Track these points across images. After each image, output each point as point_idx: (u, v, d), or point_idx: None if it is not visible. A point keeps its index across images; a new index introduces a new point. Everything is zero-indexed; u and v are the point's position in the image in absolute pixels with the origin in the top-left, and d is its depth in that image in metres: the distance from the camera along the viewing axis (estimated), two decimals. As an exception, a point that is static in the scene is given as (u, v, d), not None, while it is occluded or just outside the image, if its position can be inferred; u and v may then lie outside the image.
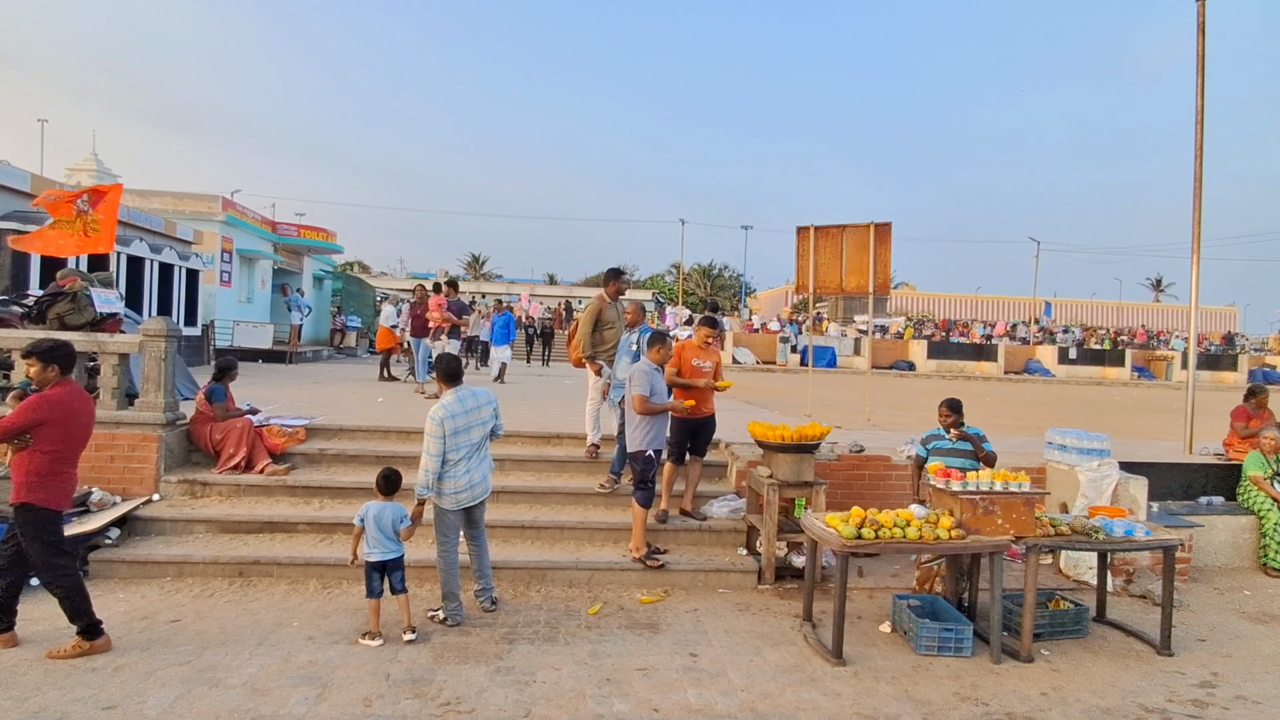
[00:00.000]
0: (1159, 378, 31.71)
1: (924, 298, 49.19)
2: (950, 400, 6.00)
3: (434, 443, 4.77)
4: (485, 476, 5.09)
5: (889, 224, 10.20)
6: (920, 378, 28.65)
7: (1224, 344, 37.13)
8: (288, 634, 4.64)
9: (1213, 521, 6.80)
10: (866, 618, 5.32)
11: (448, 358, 5.25)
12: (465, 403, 4.94)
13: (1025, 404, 18.08)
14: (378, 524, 4.64)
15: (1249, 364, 33.05)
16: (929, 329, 36.60)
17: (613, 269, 7.46)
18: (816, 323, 35.50)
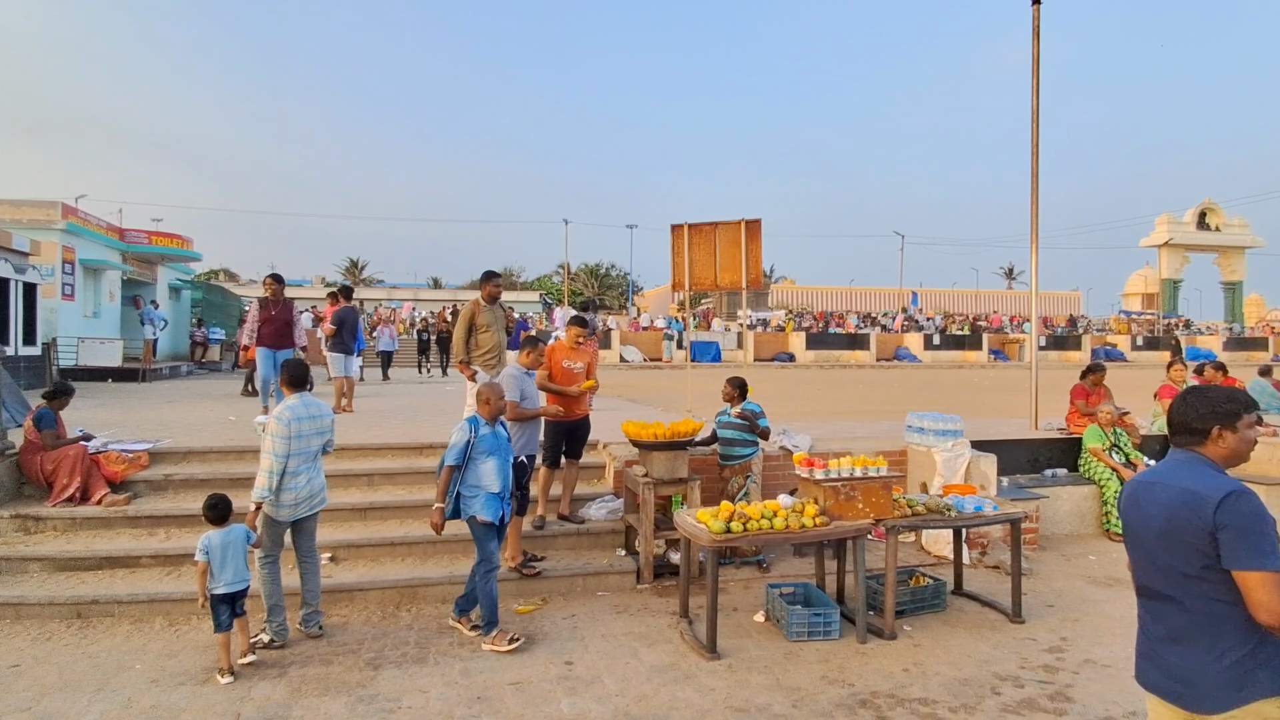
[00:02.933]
0: (1013, 359, 34.33)
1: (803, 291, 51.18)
2: (733, 379, 6.40)
3: (279, 443, 4.55)
4: (322, 488, 4.93)
5: (759, 220, 10.44)
6: (800, 368, 29.75)
7: (1069, 326, 40.62)
8: (130, 677, 4.24)
9: (1058, 492, 7.34)
10: (743, 609, 5.38)
11: (294, 363, 4.98)
12: (310, 408, 4.79)
13: (895, 389, 19.07)
14: (226, 553, 4.31)
15: (1092, 343, 36.32)
16: (808, 321, 38.07)
17: (488, 271, 7.32)
18: (701, 319, 36.23)
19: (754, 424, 6.11)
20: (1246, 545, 1.98)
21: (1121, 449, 7.55)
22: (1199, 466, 2.19)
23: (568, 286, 53.17)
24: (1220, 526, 2.02)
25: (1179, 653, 2.16)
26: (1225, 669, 2.07)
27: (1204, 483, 2.11)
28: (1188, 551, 2.10)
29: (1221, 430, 2.19)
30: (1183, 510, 2.11)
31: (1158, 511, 2.19)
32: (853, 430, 8.89)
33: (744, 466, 6.14)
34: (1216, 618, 2.08)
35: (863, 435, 8.18)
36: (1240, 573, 1.99)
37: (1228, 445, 2.19)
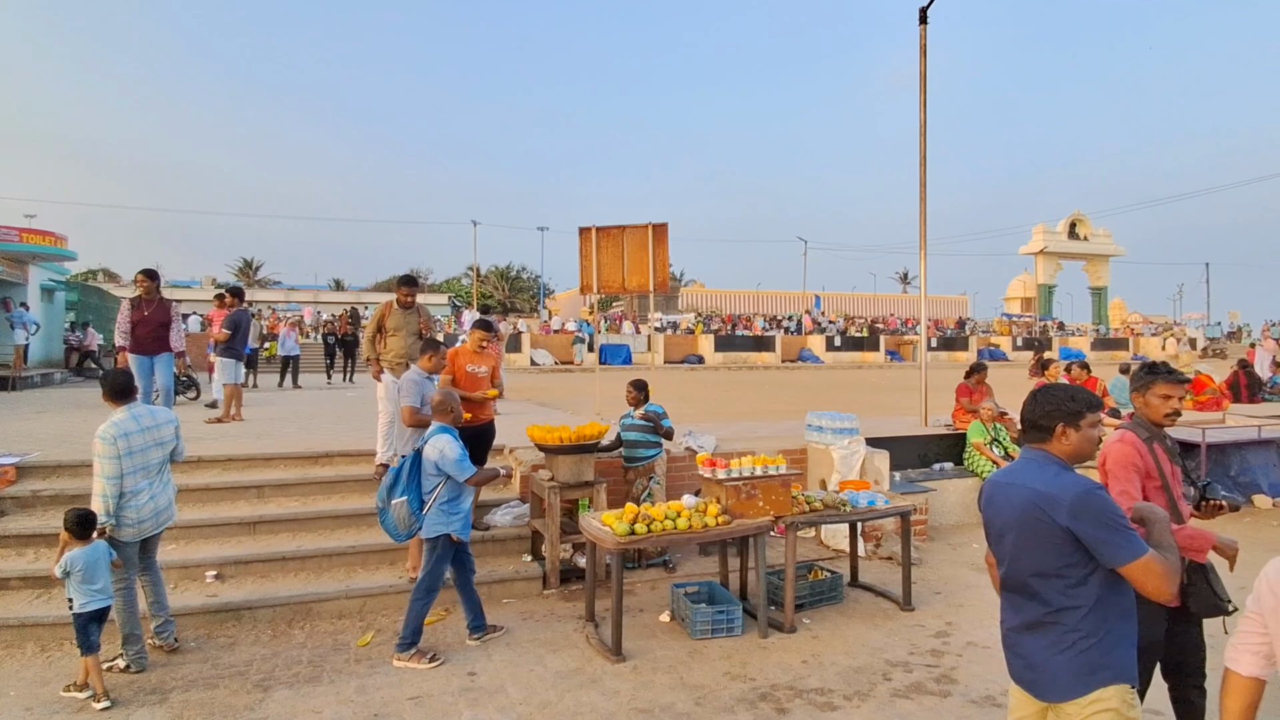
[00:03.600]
0: (907, 359, 36.04)
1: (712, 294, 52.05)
2: (635, 381, 6.49)
3: (107, 464, 4.22)
4: (171, 503, 4.62)
5: (665, 225, 10.56)
6: (709, 370, 30.27)
7: (957, 328, 42.99)
8: (3, 704, 3.96)
9: (945, 485, 7.75)
10: (649, 610, 5.42)
11: (116, 372, 4.66)
12: (141, 420, 4.43)
13: (798, 389, 19.68)
14: (92, 570, 4.05)
15: (978, 344, 38.57)
16: (717, 324, 38.80)
17: (404, 276, 7.28)
18: (612, 322, 36.34)
19: (657, 425, 6.18)
20: (1116, 541, 2.06)
21: (1001, 443, 8.05)
22: (1048, 465, 2.25)
23: (476, 289, 52.26)
24: (1080, 528, 2.09)
25: (1033, 642, 2.24)
26: (1074, 658, 2.15)
27: (1054, 483, 2.17)
28: (1043, 550, 2.16)
29: (1065, 428, 2.26)
30: (1035, 511, 2.16)
31: (1013, 512, 2.24)
32: (756, 430, 9.11)
33: (648, 468, 6.19)
34: (1069, 610, 2.16)
35: (766, 435, 8.40)
36: (1123, 567, 2.08)
37: (1071, 443, 2.26)
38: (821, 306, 47.38)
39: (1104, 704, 2.13)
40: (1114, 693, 2.13)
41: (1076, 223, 46.93)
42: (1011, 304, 51.87)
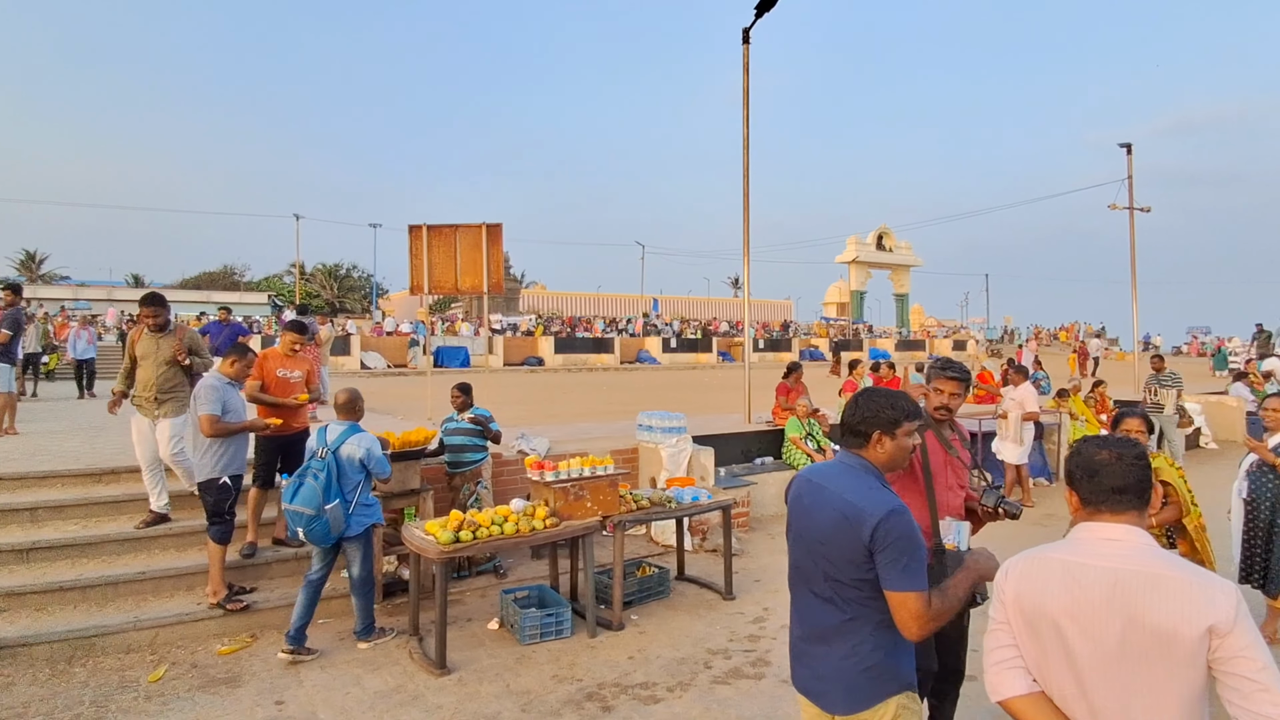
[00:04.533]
0: (737, 360, 37.85)
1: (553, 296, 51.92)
2: (460, 384, 6.41)
3: None
4: None
5: (499, 225, 10.41)
6: (549, 372, 30.17)
7: (782, 330, 45.75)
8: None
9: (765, 478, 8.21)
10: (478, 618, 5.31)
11: None
12: None
13: (635, 390, 20.09)
14: None
15: (800, 345, 41.23)
16: (557, 326, 38.76)
17: (148, 294, 5.94)
18: (449, 324, 35.28)
19: (485, 429, 6.08)
20: (900, 567, 2.03)
21: (815, 437, 8.67)
22: (862, 475, 2.19)
23: (299, 288, 48.78)
24: (878, 547, 2.05)
25: (822, 653, 2.19)
26: (862, 670, 2.12)
27: (866, 497, 2.11)
28: (843, 561, 2.12)
29: (881, 436, 2.21)
30: (843, 523, 2.11)
31: (821, 518, 2.19)
32: (590, 431, 9.20)
33: (474, 473, 6.07)
34: (859, 621, 2.13)
35: (599, 435, 8.50)
36: (894, 594, 2.04)
37: (886, 451, 2.22)
38: (659, 309, 48.65)
39: (889, 714, 2.12)
40: (899, 702, 2.14)
41: (883, 235, 51.45)
42: (829, 308, 55.96)
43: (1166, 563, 1.58)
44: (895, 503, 2.10)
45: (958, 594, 2.13)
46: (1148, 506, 1.69)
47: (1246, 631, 1.47)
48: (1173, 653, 1.50)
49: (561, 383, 23.15)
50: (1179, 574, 1.54)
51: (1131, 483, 1.67)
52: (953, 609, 2.11)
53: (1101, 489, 1.69)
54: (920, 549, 2.07)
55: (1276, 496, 4.76)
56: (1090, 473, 1.71)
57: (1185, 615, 1.49)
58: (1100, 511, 1.69)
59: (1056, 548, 1.72)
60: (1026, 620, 1.69)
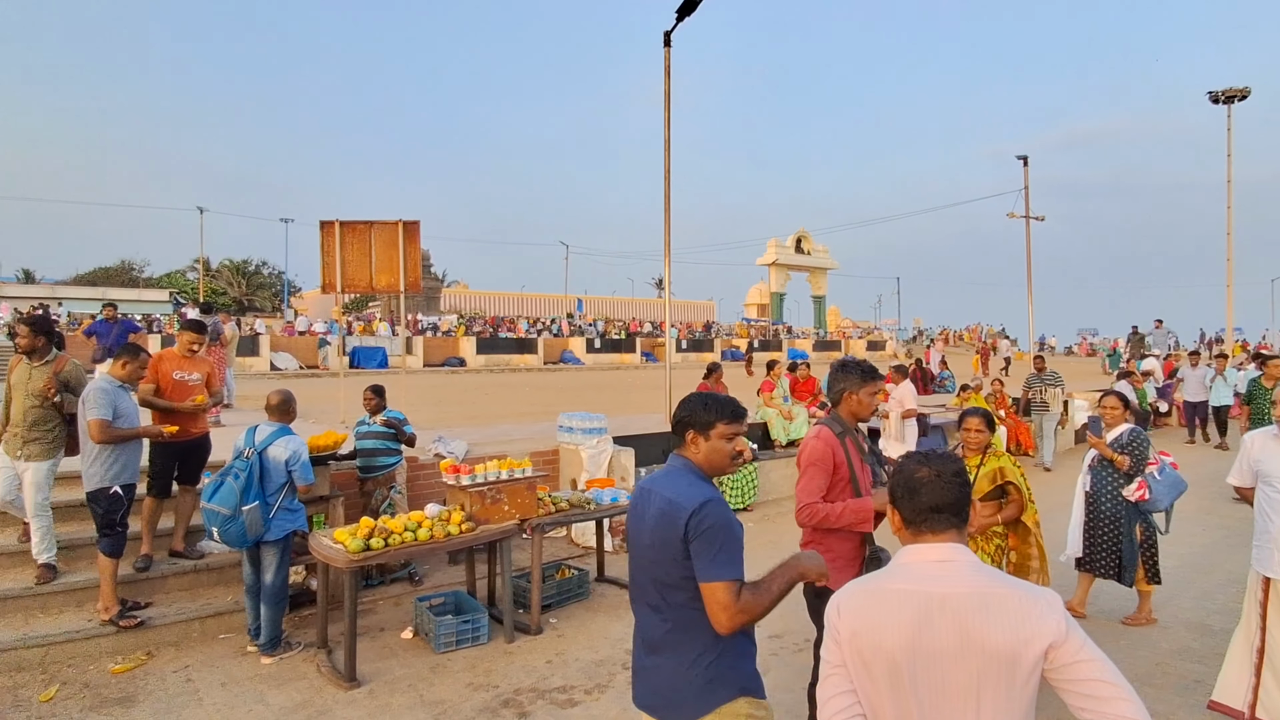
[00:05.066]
0: (661, 360, 38.17)
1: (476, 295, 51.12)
2: (373, 386, 6.25)
3: None
4: None
5: (417, 222, 10.17)
6: (471, 373, 29.65)
7: (705, 331, 46.38)
8: None
9: (685, 478, 8.28)
10: (392, 628, 5.17)
11: None
12: None
13: (558, 391, 19.98)
14: None
15: (722, 345, 41.87)
16: (480, 326, 38.16)
17: (25, 315, 5.20)
18: (365, 323, 34.23)
19: (399, 432, 5.93)
20: (710, 556, 2.00)
21: (734, 437, 8.82)
22: (683, 474, 2.17)
23: (203, 284, 46.37)
24: (691, 536, 2.02)
25: (657, 664, 2.15)
26: (696, 676, 2.07)
27: (682, 491, 2.09)
28: (668, 561, 2.08)
29: (695, 435, 2.20)
30: (663, 520, 2.09)
31: (648, 521, 2.16)
32: (511, 433, 9.08)
33: (388, 477, 5.91)
34: (689, 626, 2.08)
35: (520, 437, 8.41)
36: (704, 584, 2.00)
37: (701, 451, 2.19)
38: (583, 310, 48.55)
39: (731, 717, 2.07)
40: (736, 709, 2.08)
41: (802, 238, 52.81)
42: (750, 309, 57.05)
43: (994, 580, 1.54)
44: (710, 493, 2.09)
45: (772, 589, 2.08)
46: (967, 524, 1.64)
47: (1076, 634, 1.47)
48: (1015, 675, 1.47)
49: (483, 384, 22.79)
50: (1008, 590, 1.52)
51: (949, 501, 1.62)
52: (766, 604, 2.05)
53: (921, 508, 1.63)
54: (735, 540, 2.05)
55: (1115, 490, 5.09)
56: (910, 491, 1.65)
57: (1022, 635, 1.46)
58: (922, 532, 1.63)
59: (889, 576, 1.63)
60: (864, 661, 1.57)
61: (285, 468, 4.63)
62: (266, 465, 4.60)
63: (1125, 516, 5.04)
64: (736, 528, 2.08)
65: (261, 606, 4.65)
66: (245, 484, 4.48)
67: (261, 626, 4.65)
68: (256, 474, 4.54)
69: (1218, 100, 17.96)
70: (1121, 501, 5.06)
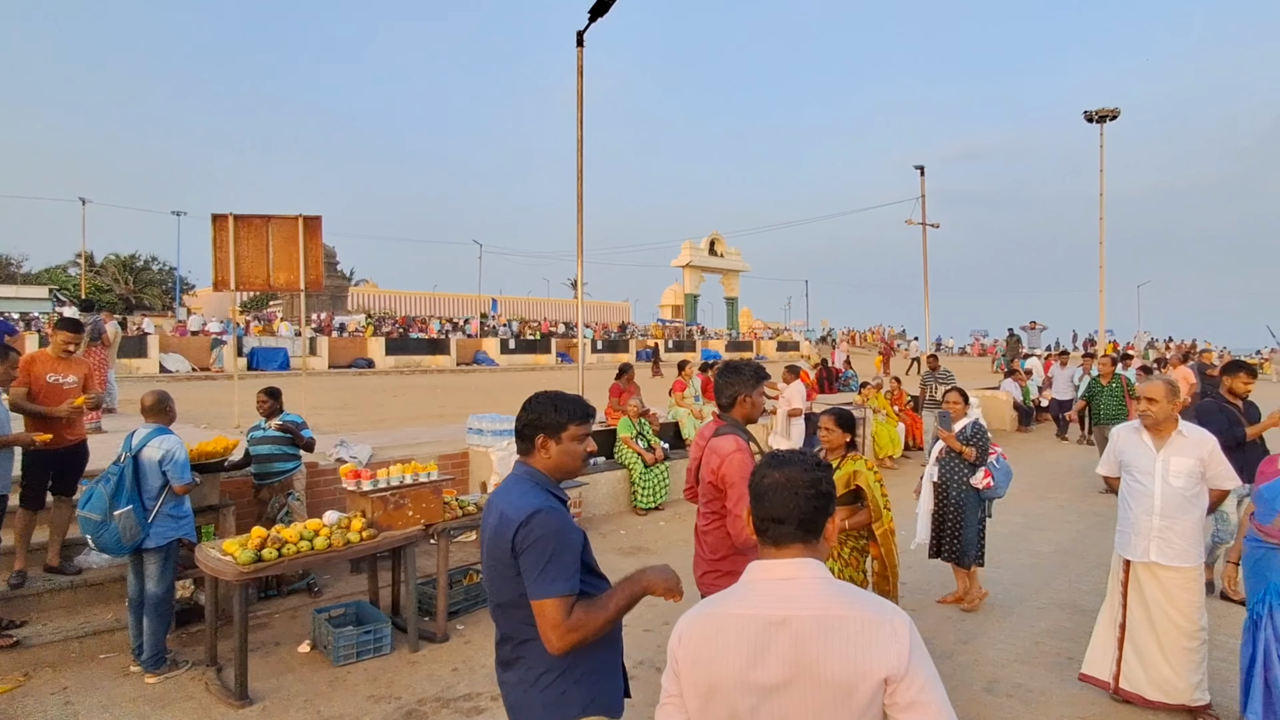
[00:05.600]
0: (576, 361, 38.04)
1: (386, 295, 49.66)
2: (268, 388, 5.97)
3: None
4: None
5: (319, 217, 9.82)
6: (380, 374, 28.78)
7: (620, 331, 46.57)
8: None
9: (597, 478, 8.33)
10: (289, 641, 4.98)
11: None
12: None
13: (471, 392, 19.66)
14: None
15: (637, 346, 42.13)
16: (389, 326, 37.07)
17: None
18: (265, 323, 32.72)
19: (296, 436, 5.71)
20: (539, 570, 1.86)
21: (645, 436, 8.91)
22: (520, 483, 2.03)
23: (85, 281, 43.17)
24: (519, 550, 1.89)
25: (509, 680, 2.06)
26: (542, 693, 1.97)
27: (513, 503, 1.95)
28: (501, 580, 1.96)
29: (546, 440, 2.05)
30: (496, 535, 1.96)
31: (486, 534, 2.04)
32: (419, 436, 8.90)
33: (285, 484, 5.69)
34: (530, 644, 1.96)
35: (428, 440, 8.24)
36: (533, 601, 1.87)
37: (552, 456, 2.06)
38: (498, 310, 47.89)
39: None
40: None
41: (715, 241, 53.75)
42: (665, 310, 57.61)
43: (841, 600, 1.40)
44: (541, 502, 1.93)
45: (609, 606, 1.93)
46: (820, 537, 1.50)
47: (920, 670, 1.36)
48: (850, 706, 1.35)
49: (392, 386, 22.18)
50: (852, 613, 1.38)
51: (791, 511, 1.47)
52: (602, 621, 1.91)
53: (764, 516, 1.50)
54: (569, 551, 1.89)
55: (963, 479, 5.46)
56: (756, 496, 1.52)
57: (860, 666, 1.34)
58: (767, 545, 1.50)
59: (734, 598, 1.49)
60: (701, 694, 1.45)
61: (160, 468, 4.39)
62: (142, 468, 4.37)
63: (970, 504, 5.41)
64: (570, 536, 1.92)
65: (144, 619, 4.40)
66: (115, 488, 4.25)
67: (145, 642, 4.40)
68: (130, 477, 4.30)
69: (1091, 119, 19.36)
70: (967, 490, 5.42)
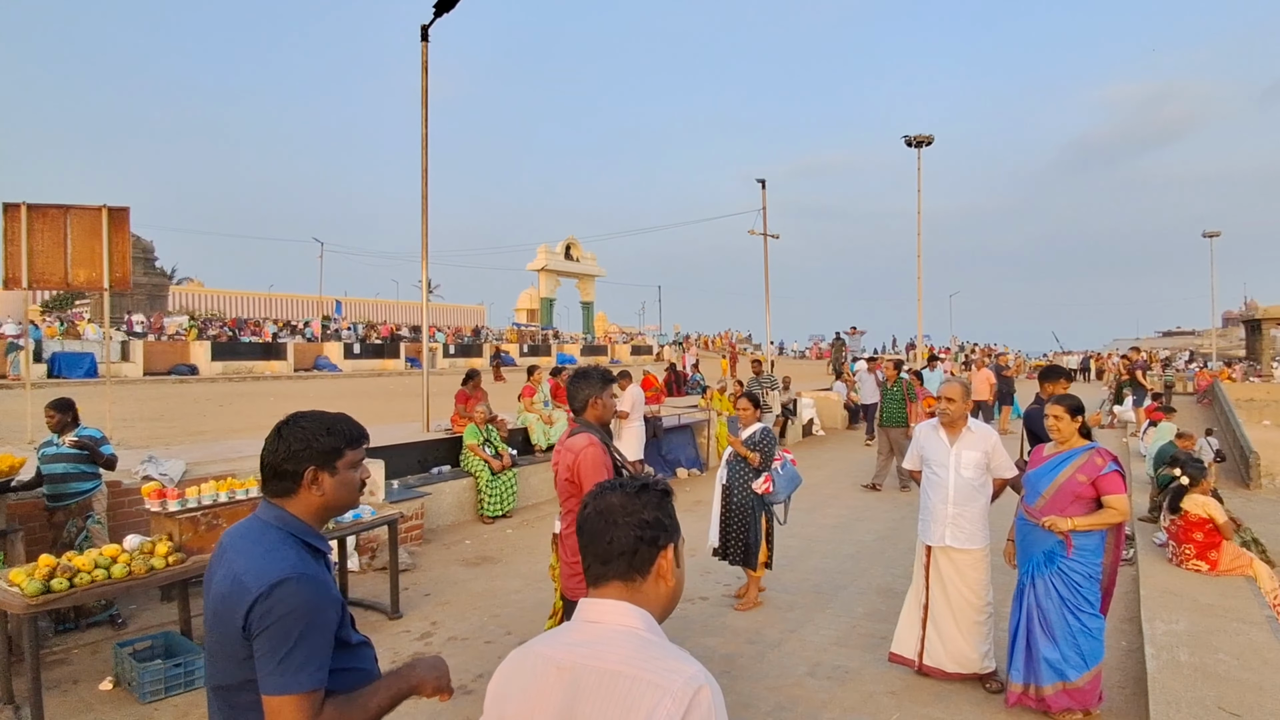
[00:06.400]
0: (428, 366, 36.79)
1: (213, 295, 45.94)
2: (56, 401, 5.35)
3: None
4: None
5: (126, 209, 8.94)
6: (205, 382, 26.48)
7: (474, 335, 45.60)
8: None
9: (441, 488, 8.12)
10: (89, 679, 4.49)
11: None
12: None
13: (308, 400, 18.53)
14: None
15: (490, 350, 41.40)
16: (217, 328, 34.21)
17: None
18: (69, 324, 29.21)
19: (95, 452, 5.16)
20: (277, 659, 1.48)
21: (493, 443, 8.80)
22: (269, 535, 1.61)
23: None
24: (254, 631, 1.50)
25: None
26: None
27: (256, 564, 1.54)
28: (226, 658, 1.56)
29: (318, 473, 1.66)
30: (225, 603, 1.55)
31: (211, 595, 1.60)
32: (242, 449, 8.25)
33: (83, 506, 5.13)
34: None
35: (252, 454, 7.67)
36: (266, 698, 1.49)
37: (325, 493, 1.67)
38: (342, 312, 45.45)
39: None
40: None
41: (571, 245, 53.90)
42: (521, 314, 57.07)
43: (631, 657, 1.23)
44: (292, 569, 1.53)
45: (369, 707, 1.60)
46: (648, 576, 1.32)
47: None
48: None
49: (218, 394, 20.49)
50: (635, 671, 1.20)
51: (609, 547, 1.32)
52: None
53: (583, 549, 1.36)
54: (319, 634, 1.52)
55: (746, 483, 5.73)
56: (579, 530, 1.37)
57: None
58: (589, 583, 1.36)
59: (547, 636, 1.36)
60: None
61: None
62: None
63: (753, 507, 5.66)
64: (324, 614, 1.54)
65: None
66: None
67: None
68: None
69: (910, 144, 21.26)
70: (750, 494, 5.67)
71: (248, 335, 34.03)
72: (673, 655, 1.25)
